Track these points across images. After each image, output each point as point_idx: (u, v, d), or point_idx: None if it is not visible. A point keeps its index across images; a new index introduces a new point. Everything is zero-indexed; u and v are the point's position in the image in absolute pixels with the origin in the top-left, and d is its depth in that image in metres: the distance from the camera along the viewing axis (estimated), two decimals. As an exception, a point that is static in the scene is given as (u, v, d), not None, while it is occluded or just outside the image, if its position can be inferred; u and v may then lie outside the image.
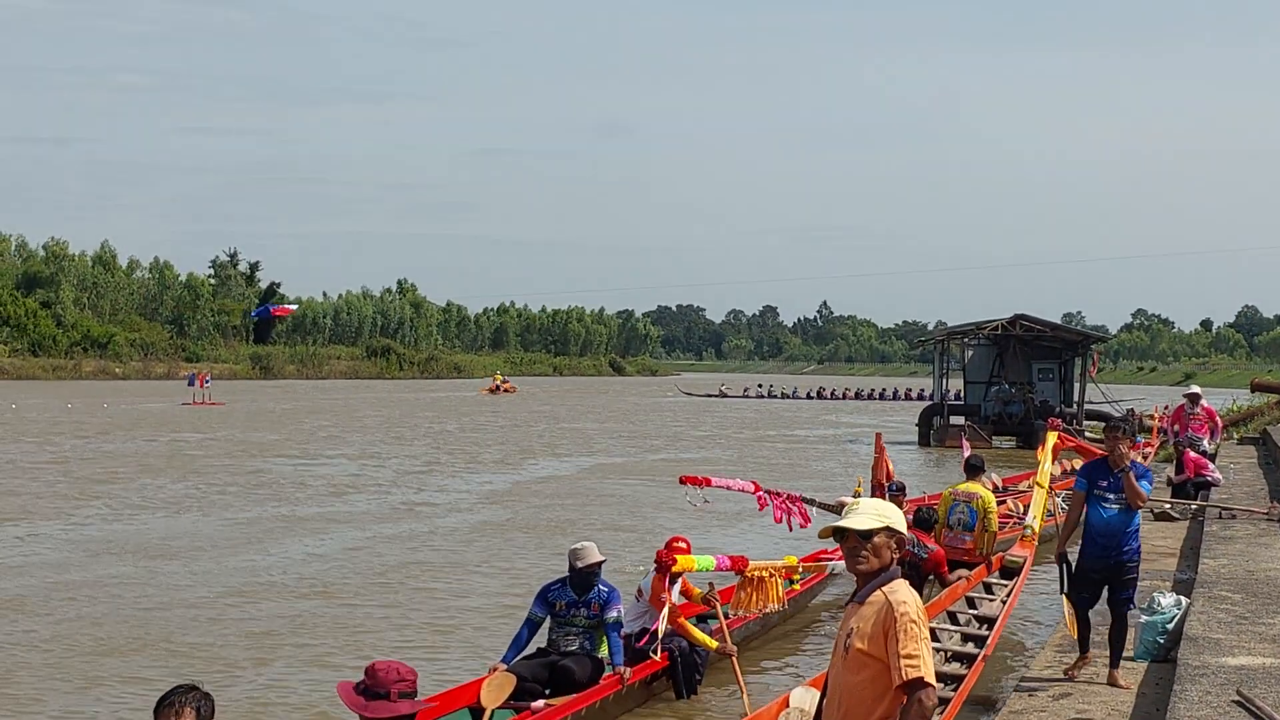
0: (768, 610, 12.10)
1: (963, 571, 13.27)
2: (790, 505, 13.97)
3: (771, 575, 11.98)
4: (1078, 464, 28.32)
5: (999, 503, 16.19)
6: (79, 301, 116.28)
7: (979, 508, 14.18)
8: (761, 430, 54.49)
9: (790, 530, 14.28)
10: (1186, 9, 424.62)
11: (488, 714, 9.33)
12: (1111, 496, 9.65)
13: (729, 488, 13.49)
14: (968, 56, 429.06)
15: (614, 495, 27.06)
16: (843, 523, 5.13)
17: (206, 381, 67.05)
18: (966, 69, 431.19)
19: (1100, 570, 9.67)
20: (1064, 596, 9.97)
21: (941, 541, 14.28)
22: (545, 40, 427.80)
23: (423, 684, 10.86)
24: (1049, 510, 16.29)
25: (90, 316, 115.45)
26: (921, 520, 13.40)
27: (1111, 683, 9.50)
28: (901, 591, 5.02)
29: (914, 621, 4.93)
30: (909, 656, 4.89)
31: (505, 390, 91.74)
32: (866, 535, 5.06)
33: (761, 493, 13.68)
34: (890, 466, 16.24)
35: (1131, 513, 9.67)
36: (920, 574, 12.94)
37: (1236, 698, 7.40)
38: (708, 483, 13.02)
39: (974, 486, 14.46)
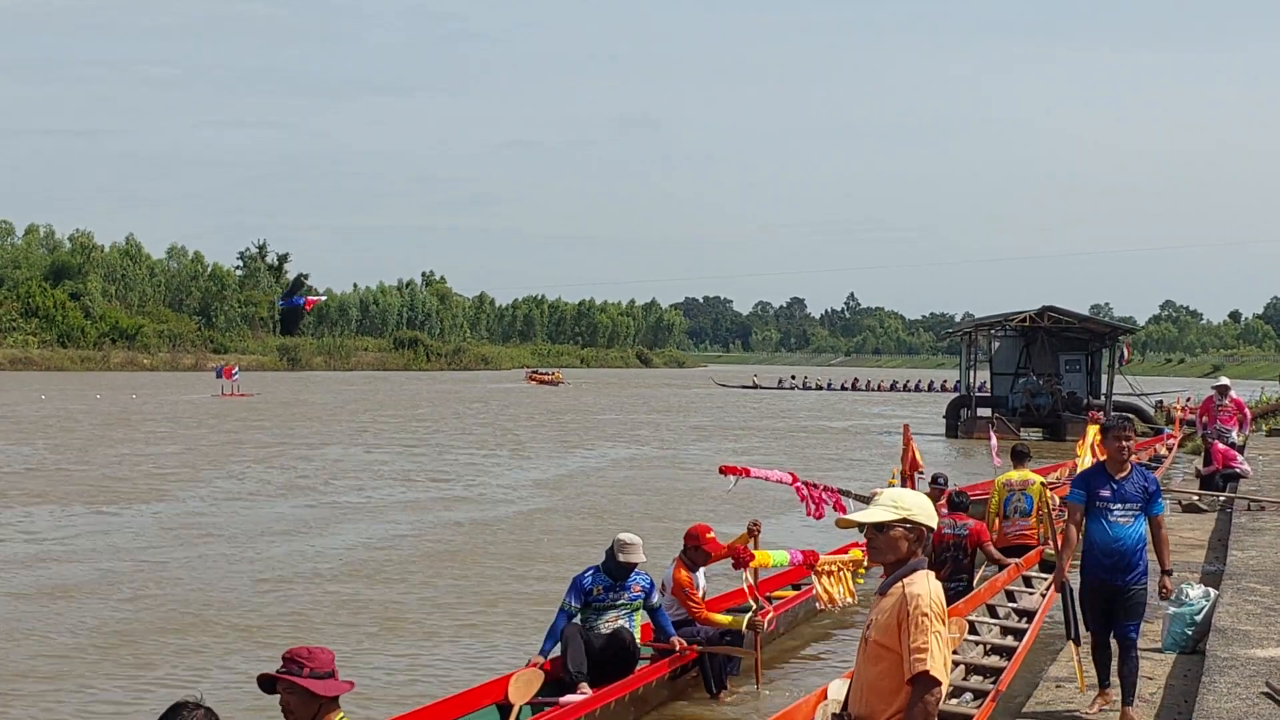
0: (843, 603, 12.16)
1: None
2: (826, 496, 14.00)
3: (840, 569, 12.00)
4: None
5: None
6: (106, 293, 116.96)
7: (1035, 494, 14.64)
8: (797, 421, 54.90)
9: (820, 518, 14.25)
10: (1220, 8, 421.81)
11: (515, 710, 9.25)
12: (1117, 509, 8.43)
13: (767, 479, 13.51)
14: (995, 50, 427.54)
15: (655, 485, 27.23)
16: (855, 516, 5.10)
17: (235, 373, 67.55)
18: (994, 63, 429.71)
19: (1104, 594, 8.48)
20: (1070, 643, 8.71)
21: (1000, 530, 14.62)
22: (572, 33, 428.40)
23: (455, 677, 11.00)
24: None
25: (118, 308, 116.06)
26: (956, 505, 13.77)
27: None
28: (919, 584, 4.94)
29: (925, 614, 4.87)
30: (918, 650, 4.84)
31: (554, 381, 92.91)
32: (880, 528, 5.00)
33: (799, 484, 13.70)
34: (918, 457, 16.37)
35: (1140, 525, 8.47)
36: (966, 552, 13.33)
37: (1266, 689, 7.39)
38: (747, 473, 13.05)
39: (1026, 474, 15.07)
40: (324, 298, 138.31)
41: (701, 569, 11.22)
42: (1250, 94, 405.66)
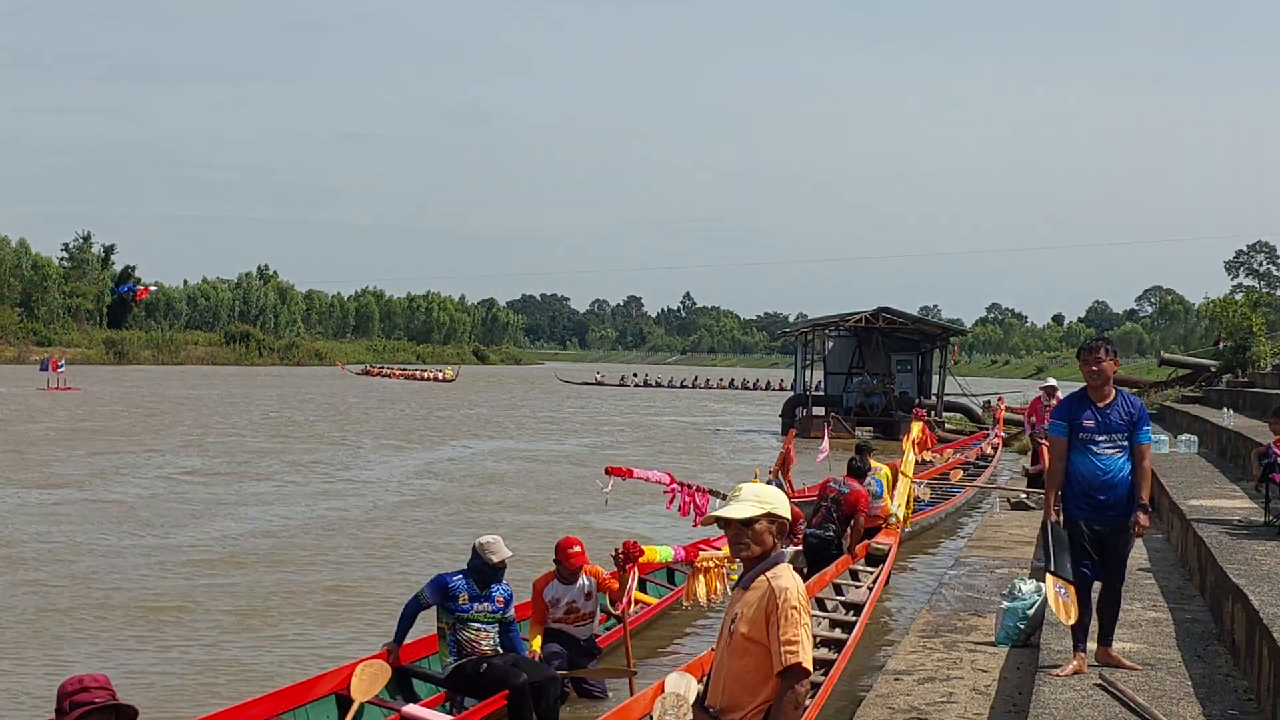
0: (720, 599, 12.18)
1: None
2: (699, 498, 14.13)
3: (718, 565, 12.02)
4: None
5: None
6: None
7: (883, 478, 16.05)
8: (650, 417, 56.09)
9: (695, 526, 14.33)
10: (1044, 12, 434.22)
11: (355, 706, 8.90)
12: (1102, 439, 7.82)
13: (648, 479, 13.59)
14: (828, 52, 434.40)
15: (521, 480, 27.41)
16: (723, 512, 5.15)
17: (61, 366, 65.55)
18: (827, 64, 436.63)
19: (1092, 536, 7.87)
20: (1050, 575, 7.94)
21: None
22: (404, 23, 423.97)
23: (297, 667, 10.83)
24: (920, 501, 17.16)
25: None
26: (855, 469, 15.39)
27: (1106, 661, 7.93)
28: (785, 578, 5.03)
29: (795, 608, 4.95)
30: (789, 642, 4.92)
31: (446, 379, 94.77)
32: (747, 523, 5.07)
33: (675, 485, 13.81)
34: (793, 456, 17.15)
35: (1126, 454, 7.84)
36: (840, 506, 14.55)
37: (1099, 681, 7.62)
38: (630, 474, 13.11)
39: (871, 462, 16.05)
40: (154, 288, 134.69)
41: (579, 583, 10.83)
42: (1070, 100, 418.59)
